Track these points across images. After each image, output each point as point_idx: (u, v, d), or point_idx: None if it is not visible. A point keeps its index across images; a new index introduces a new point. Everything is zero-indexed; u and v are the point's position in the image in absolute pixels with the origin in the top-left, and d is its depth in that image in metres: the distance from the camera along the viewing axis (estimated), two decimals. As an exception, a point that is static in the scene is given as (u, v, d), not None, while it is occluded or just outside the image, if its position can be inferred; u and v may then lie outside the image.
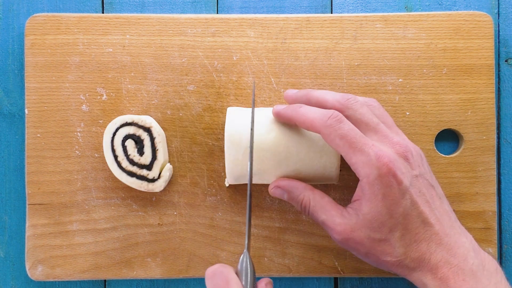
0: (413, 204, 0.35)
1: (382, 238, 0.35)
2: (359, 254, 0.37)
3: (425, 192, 0.36)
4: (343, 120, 0.36)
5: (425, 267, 0.35)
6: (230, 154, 0.39)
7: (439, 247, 0.35)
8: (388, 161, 0.34)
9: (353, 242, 0.36)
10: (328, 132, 0.35)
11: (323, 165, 0.39)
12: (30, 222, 0.45)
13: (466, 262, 0.35)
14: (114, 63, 0.45)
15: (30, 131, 0.45)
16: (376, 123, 0.37)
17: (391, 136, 0.37)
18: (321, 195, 0.38)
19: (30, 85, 0.45)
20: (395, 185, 0.34)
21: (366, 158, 0.34)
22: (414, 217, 0.35)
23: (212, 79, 0.45)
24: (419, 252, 0.35)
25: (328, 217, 0.37)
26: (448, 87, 0.45)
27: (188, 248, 0.45)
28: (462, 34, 0.45)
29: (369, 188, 0.35)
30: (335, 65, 0.45)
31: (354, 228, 0.36)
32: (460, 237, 0.36)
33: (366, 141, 0.35)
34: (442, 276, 0.34)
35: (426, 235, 0.35)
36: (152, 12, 0.47)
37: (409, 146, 0.37)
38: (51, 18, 0.45)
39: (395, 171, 0.34)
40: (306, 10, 0.48)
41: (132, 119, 0.43)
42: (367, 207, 0.35)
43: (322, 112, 0.36)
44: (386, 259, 0.36)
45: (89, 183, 0.45)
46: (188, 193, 0.45)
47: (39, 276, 0.45)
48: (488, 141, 0.45)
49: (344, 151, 0.35)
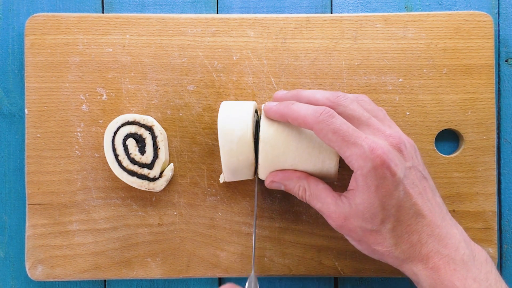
0: (407, 195, 0.35)
1: (374, 229, 0.36)
2: (353, 240, 0.38)
3: (418, 184, 0.36)
4: (335, 115, 0.36)
5: (416, 257, 0.35)
6: (224, 145, 0.39)
7: (430, 238, 0.35)
8: (382, 152, 0.34)
9: (347, 230, 0.37)
10: (320, 128, 0.36)
11: (321, 161, 0.39)
12: (30, 222, 0.45)
13: (457, 252, 0.35)
14: (114, 63, 0.45)
15: (30, 131, 0.45)
16: (367, 117, 0.37)
17: (383, 128, 0.37)
18: (316, 182, 0.39)
19: (30, 85, 0.45)
20: (389, 177, 0.35)
21: (360, 150, 0.35)
22: (406, 209, 0.35)
23: (212, 79, 0.45)
24: (410, 243, 0.35)
25: (324, 204, 0.38)
26: (448, 87, 0.45)
27: (188, 248, 0.45)
28: (462, 34, 0.45)
29: (363, 180, 0.35)
30: (335, 65, 0.45)
31: (347, 217, 0.36)
32: (451, 228, 0.36)
33: (359, 134, 0.35)
34: (433, 266, 0.35)
35: (418, 227, 0.35)
36: (152, 12, 0.47)
37: (402, 137, 0.37)
38: (51, 18, 0.45)
39: (389, 163, 0.34)
40: (306, 10, 0.48)
41: (134, 118, 0.43)
42: (360, 198, 0.35)
43: (314, 109, 0.36)
44: (377, 248, 0.36)
45: (89, 183, 0.45)
46: (188, 193, 0.45)
47: (39, 276, 0.45)
48: (488, 141, 0.45)
49: (338, 145, 0.35)
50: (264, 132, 0.39)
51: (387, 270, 0.45)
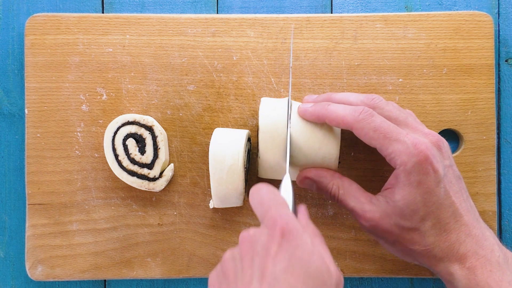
0: (446, 193, 0.35)
1: (412, 226, 0.35)
2: (386, 242, 0.37)
3: (455, 183, 0.37)
4: (374, 114, 0.36)
5: (453, 257, 0.35)
6: (214, 173, 0.39)
7: (468, 237, 0.35)
8: (425, 148, 0.35)
9: (381, 230, 0.36)
10: (361, 126, 0.36)
11: (321, 156, 0.39)
12: (30, 222, 0.45)
13: (493, 254, 0.35)
14: (114, 63, 0.45)
15: (30, 131, 0.45)
16: (405, 117, 0.38)
17: (421, 127, 0.37)
18: (350, 182, 0.39)
19: (30, 85, 0.45)
20: (432, 173, 0.35)
21: (403, 146, 0.35)
22: (446, 207, 0.35)
23: (212, 79, 0.45)
24: (448, 241, 0.35)
25: (357, 204, 0.37)
26: (448, 87, 0.45)
27: (188, 248, 0.45)
28: (462, 34, 0.45)
29: (405, 176, 0.35)
30: (335, 65, 0.45)
31: (383, 216, 0.36)
32: (485, 230, 0.37)
33: (400, 131, 0.36)
34: (470, 266, 0.35)
35: (456, 225, 0.35)
36: (152, 12, 0.47)
37: (439, 136, 0.37)
38: (51, 18, 0.45)
39: (431, 159, 0.35)
40: (306, 10, 0.48)
41: (134, 118, 0.43)
42: (400, 194, 0.35)
43: (352, 108, 0.37)
44: (414, 248, 0.36)
45: (89, 183, 0.45)
46: (188, 193, 0.45)
47: (39, 276, 0.45)
48: (488, 141, 0.45)
49: (379, 142, 0.36)
50: (262, 121, 0.39)
51: (387, 270, 0.45)
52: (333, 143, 0.39)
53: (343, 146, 0.43)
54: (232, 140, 0.40)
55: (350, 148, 0.45)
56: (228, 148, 0.39)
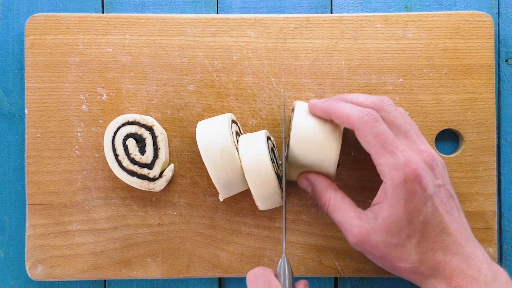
0: (435, 212, 0.35)
1: (399, 243, 0.35)
2: (373, 258, 0.37)
3: (446, 202, 0.36)
4: (379, 120, 0.36)
5: (440, 275, 0.35)
6: (208, 162, 0.39)
7: (455, 256, 0.35)
8: (416, 167, 0.35)
9: (368, 246, 0.36)
10: (363, 128, 0.36)
11: (320, 159, 0.39)
12: (30, 222, 0.45)
13: (480, 273, 0.35)
14: (114, 63, 0.45)
15: (30, 131, 0.45)
16: (407, 128, 0.38)
17: (419, 143, 0.37)
18: (342, 196, 0.39)
19: (30, 85, 0.45)
20: (419, 192, 0.35)
21: (395, 161, 0.35)
22: (433, 226, 0.35)
23: (212, 79, 0.45)
24: (434, 260, 0.35)
25: (346, 218, 0.37)
26: (448, 87, 0.45)
27: (188, 248, 0.45)
28: (462, 34, 0.45)
29: (393, 192, 0.35)
30: (335, 65, 0.45)
31: (370, 232, 0.36)
32: (475, 248, 0.36)
33: (398, 145, 0.35)
34: (456, 285, 0.35)
35: (443, 244, 0.35)
36: (152, 12, 0.47)
37: (435, 155, 0.37)
38: (51, 18, 0.45)
39: (421, 178, 0.34)
40: (306, 10, 0.48)
41: (134, 118, 0.43)
42: (388, 211, 0.35)
43: (359, 109, 0.37)
44: (400, 265, 0.36)
45: (89, 183, 0.45)
46: (188, 193, 0.45)
47: (39, 276, 0.45)
48: (488, 141, 0.45)
49: (375, 150, 0.36)
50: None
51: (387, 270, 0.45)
52: (333, 146, 0.39)
53: (344, 146, 0.43)
54: (215, 125, 0.40)
55: (350, 148, 0.45)
56: (213, 133, 0.39)
